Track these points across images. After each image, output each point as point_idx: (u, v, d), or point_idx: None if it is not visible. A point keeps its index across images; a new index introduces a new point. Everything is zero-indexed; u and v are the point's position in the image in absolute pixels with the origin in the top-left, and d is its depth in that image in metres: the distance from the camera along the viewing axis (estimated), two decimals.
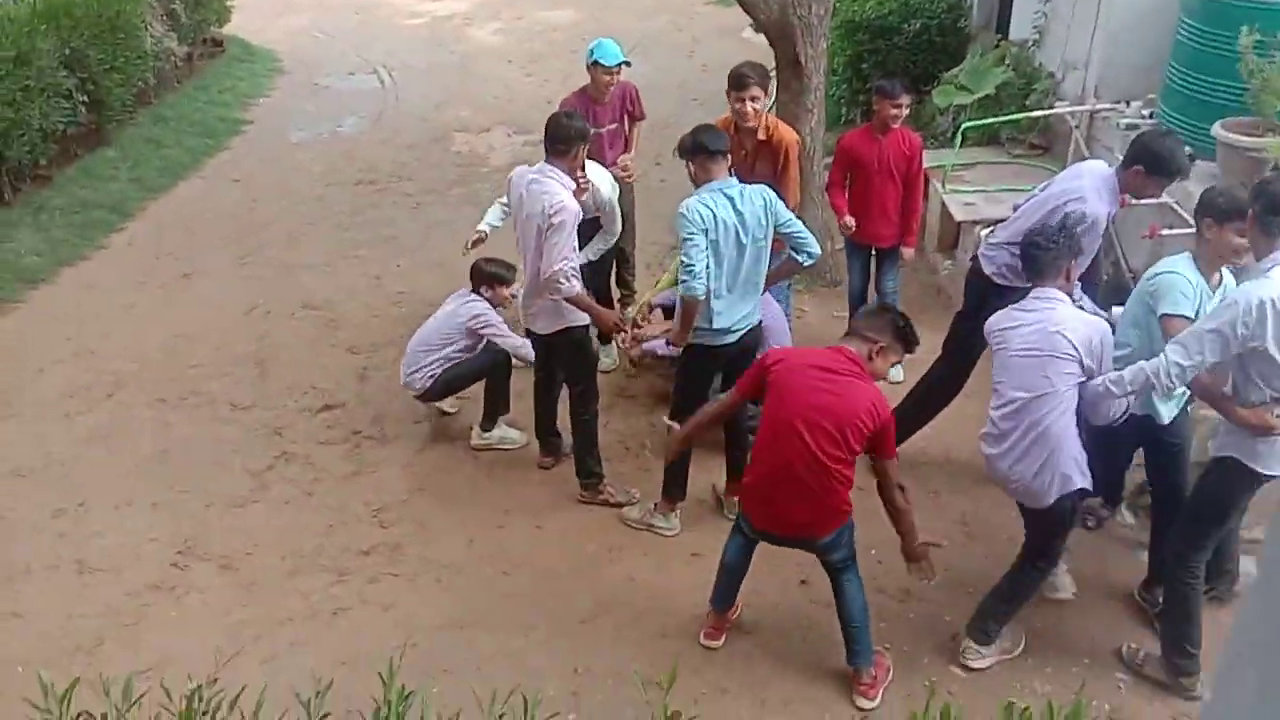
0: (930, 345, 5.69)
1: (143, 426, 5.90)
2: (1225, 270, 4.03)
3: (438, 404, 5.73)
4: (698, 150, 4.52)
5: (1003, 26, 8.01)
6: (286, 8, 15.11)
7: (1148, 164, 4.35)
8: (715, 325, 4.57)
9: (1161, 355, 3.62)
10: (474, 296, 5.51)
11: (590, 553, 4.88)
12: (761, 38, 10.83)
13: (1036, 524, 4.07)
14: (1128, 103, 6.08)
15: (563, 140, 4.69)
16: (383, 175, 9.23)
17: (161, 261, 7.82)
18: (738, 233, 4.45)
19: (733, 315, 4.60)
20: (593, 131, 5.93)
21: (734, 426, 4.95)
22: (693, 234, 4.38)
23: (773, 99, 9.23)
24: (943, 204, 6.67)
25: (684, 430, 4.30)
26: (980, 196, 6.44)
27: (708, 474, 5.22)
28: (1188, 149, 5.43)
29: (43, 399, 6.17)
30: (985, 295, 4.80)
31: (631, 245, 6.53)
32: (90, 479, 5.48)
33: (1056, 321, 3.83)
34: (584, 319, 4.90)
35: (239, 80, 11.74)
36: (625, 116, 6.20)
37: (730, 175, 4.64)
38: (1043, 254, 3.95)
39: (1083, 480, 3.92)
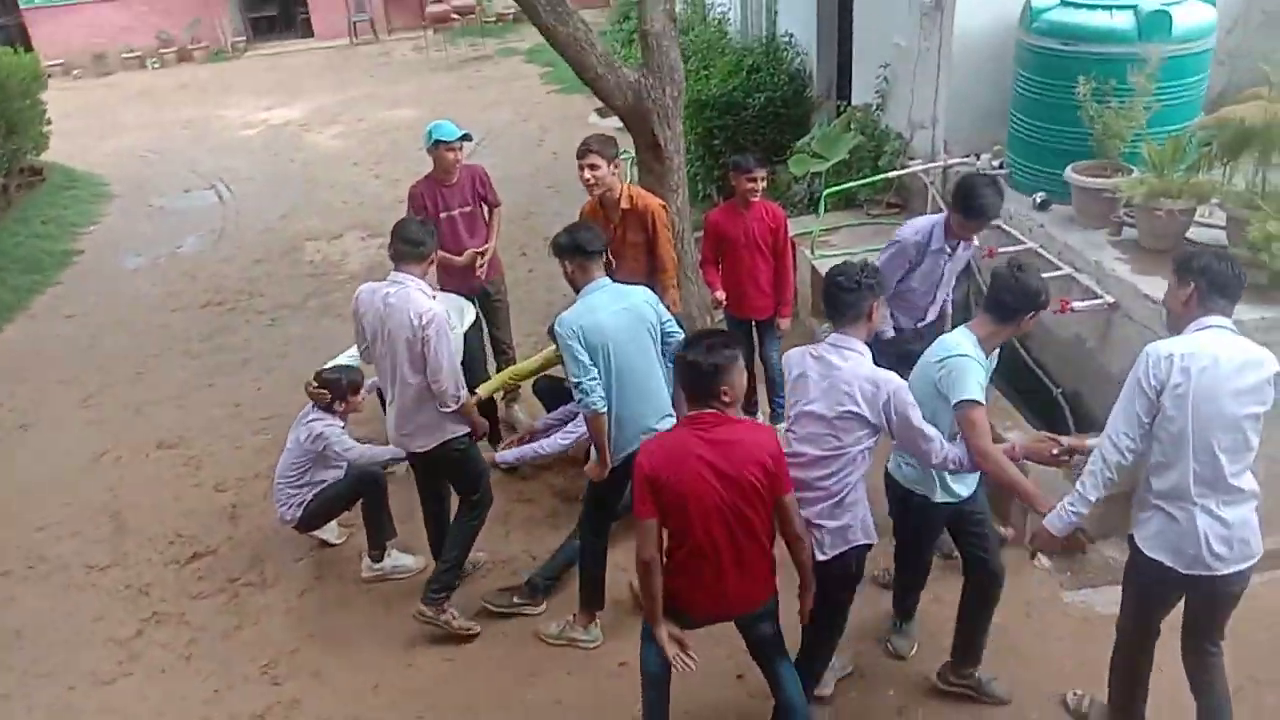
0: None
1: None
2: None
3: (319, 534, 5.31)
4: (575, 250, 4.33)
5: (844, 93, 8.25)
6: (110, 129, 14.50)
7: (959, 206, 4.64)
8: (620, 440, 4.34)
9: (1104, 438, 3.46)
10: (314, 415, 5.12)
11: (510, 681, 4.52)
12: (610, 121, 10.97)
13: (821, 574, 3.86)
14: (978, 155, 6.28)
15: (412, 241, 4.45)
16: (231, 294, 8.75)
17: None
18: (629, 334, 4.28)
19: (639, 424, 4.35)
20: (444, 215, 5.87)
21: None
22: (572, 346, 4.16)
23: (629, 176, 9.32)
24: (813, 269, 6.71)
25: (647, 611, 3.70)
26: (847, 259, 6.48)
27: (622, 572, 4.96)
28: (1041, 194, 5.67)
29: None
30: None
31: (508, 336, 6.32)
32: None
33: (846, 380, 3.63)
34: (464, 428, 4.61)
35: (63, 209, 11.07)
36: (479, 201, 6.02)
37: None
38: (844, 294, 3.67)
39: (865, 538, 3.79)
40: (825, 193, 6.69)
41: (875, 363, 3.74)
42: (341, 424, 5.15)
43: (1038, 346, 5.59)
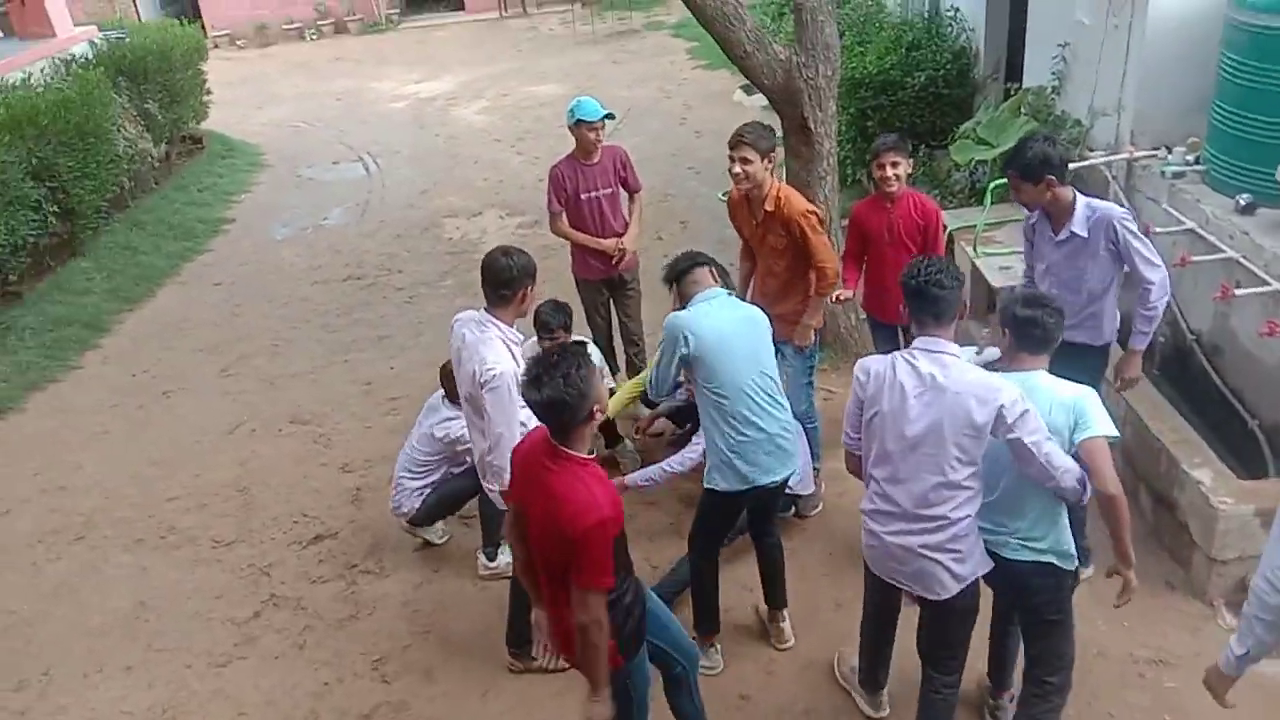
0: None
1: (116, 574, 5.33)
2: None
3: (422, 532, 5.17)
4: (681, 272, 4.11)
5: (1015, 73, 7.58)
6: (267, 99, 14.90)
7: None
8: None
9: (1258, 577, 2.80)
10: (450, 413, 4.94)
11: None
12: (756, 99, 10.54)
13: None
14: (1169, 148, 5.59)
15: (503, 284, 3.84)
16: (371, 269, 8.78)
17: (138, 380, 7.31)
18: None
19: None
20: (585, 196, 5.67)
21: (760, 540, 4.41)
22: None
23: (778, 165, 8.89)
24: (974, 268, 6.16)
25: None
26: (1016, 258, 5.91)
27: (748, 592, 4.64)
28: (1245, 196, 4.99)
29: (6, 546, 5.62)
30: None
31: (640, 328, 6.05)
32: (57, 641, 4.89)
33: (957, 389, 3.19)
34: None
35: (219, 177, 11.39)
36: (619, 183, 5.78)
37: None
38: (944, 291, 3.24)
39: (986, 564, 3.40)
40: (991, 185, 6.11)
41: None
42: None
43: (1234, 372, 4.94)
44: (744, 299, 5.40)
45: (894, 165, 4.95)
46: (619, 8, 18.01)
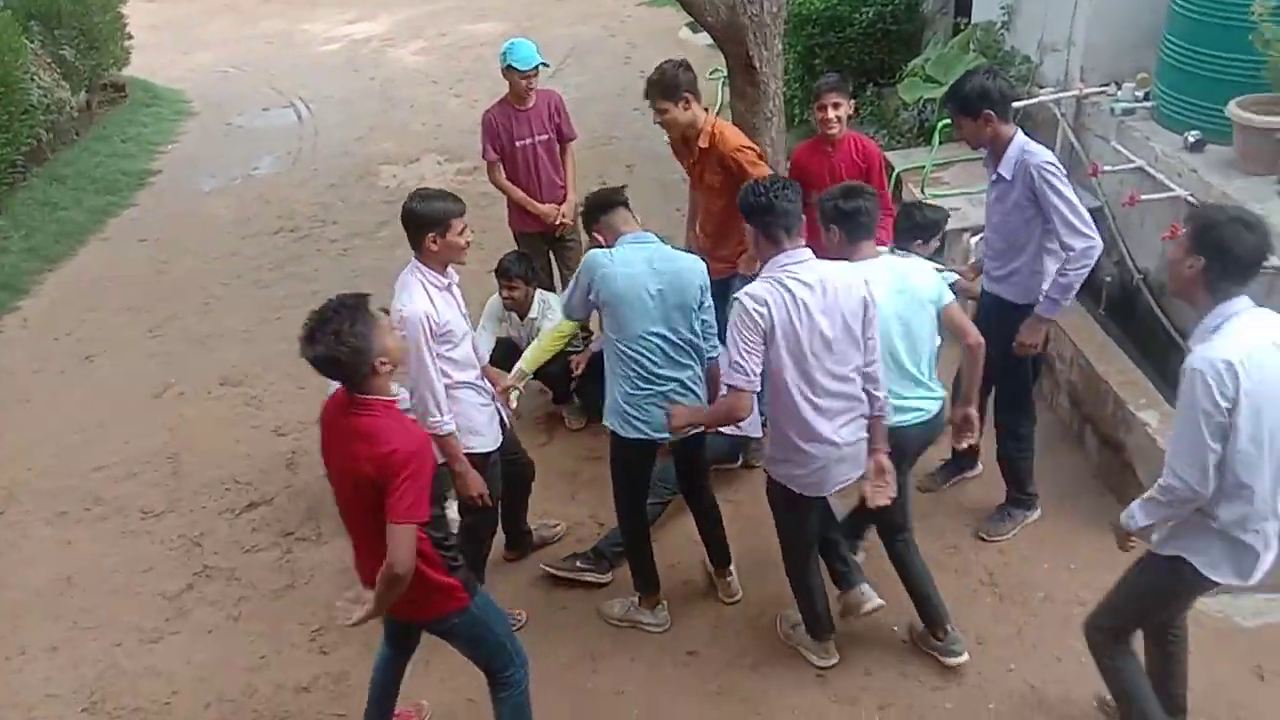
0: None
1: (38, 549, 5.10)
2: None
3: None
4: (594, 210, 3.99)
5: (963, 8, 7.40)
6: (193, 44, 14.27)
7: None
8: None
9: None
10: None
11: (569, 664, 4.16)
12: (701, 37, 10.25)
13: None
14: (1119, 84, 5.48)
15: (410, 228, 3.73)
16: (304, 220, 8.45)
17: (60, 343, 6.98)
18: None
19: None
20: (520, 143, 5.48)
21: (691, 499, 4.32)
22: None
23: (719, 98, 8.66)
24: None
25: None
26: (964, 199, 5.82)
27: (695, 545, 4.53)
28: (1195, 133, 4.90)
29: None
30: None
31: None
32: None
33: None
34: (475, 445, 3.95)
35: (144, 127, 10.89)
36: (554, 130, 5.57)
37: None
38: (792, 205, 3.42)
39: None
40: (939, 124, 5.97)
41: None
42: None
43: (1180, 312, 4.89)
44: (692, 230, 5.30)
45: (835, 106, 4.80)
46: None
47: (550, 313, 5.22)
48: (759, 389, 3.45)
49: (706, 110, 4.81)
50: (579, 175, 5.91)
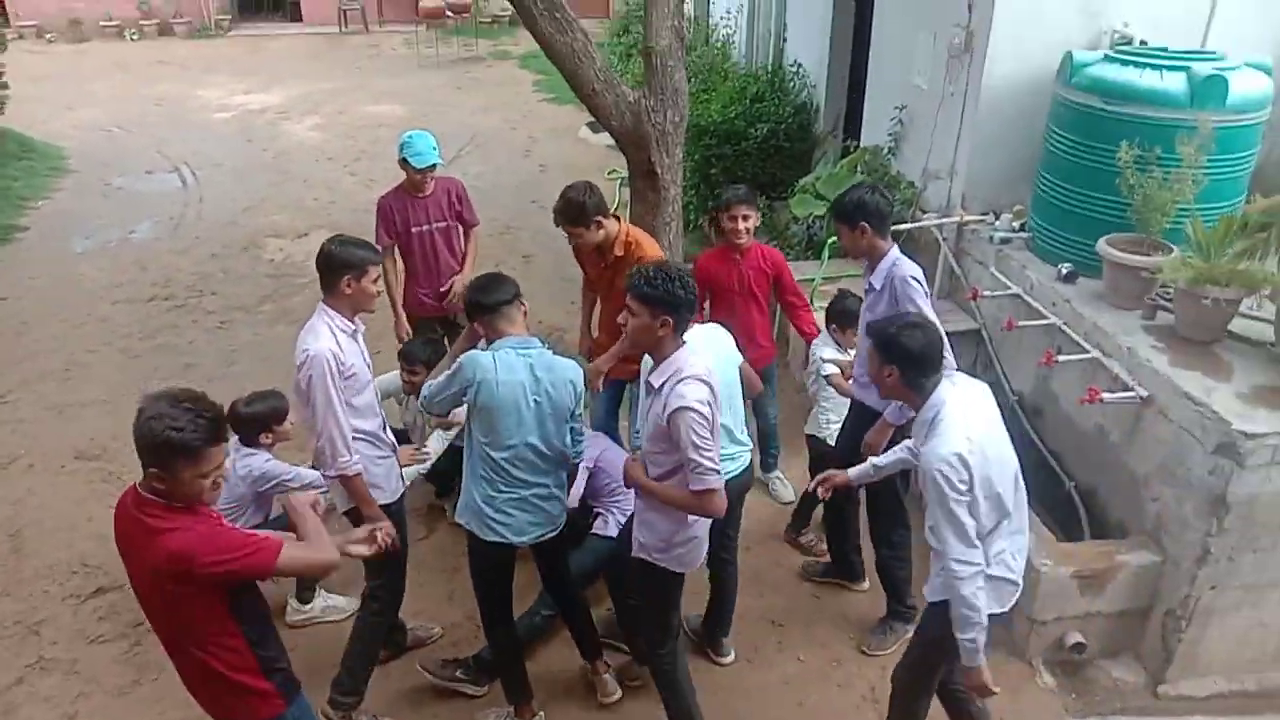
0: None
1: None
2: None
3: None
4: (476, 308, 3.81)
5: (853, 131, 7.77)
6: (78, 99, 13.82)
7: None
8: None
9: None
10: (248, 451, 4.52)
11: None
12: (601, 137, 10.48)
13: None
14: (997, 214, 5.81)
15: (323, 274, 3.71)
16: (180, 289, 8.12)
17: None
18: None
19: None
20: (416, 230, 5.44)
21: (561, 602, 4.26)
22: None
23: (616, 198, 8.80)
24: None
25: None
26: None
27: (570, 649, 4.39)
28: (1067, 265, 5.19)
29: None
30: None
31: None
32: None
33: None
34: (376, 498, 3.84)
35: (13, 180, 10.39)
36: (455, 217, 5.56)
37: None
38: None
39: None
40: (829, 240, 6.18)
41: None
42: (268, 456, 4.56)
43: (1053, 435, 5.11)
44: (588, 333, 5.28)
45: (745, 218, 4.92)
46: (464, 34, 17.72)
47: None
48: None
49: (618, 219, 4.83)
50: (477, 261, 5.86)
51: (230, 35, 18.58)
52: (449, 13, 17.72)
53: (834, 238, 6.24)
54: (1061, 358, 4.74)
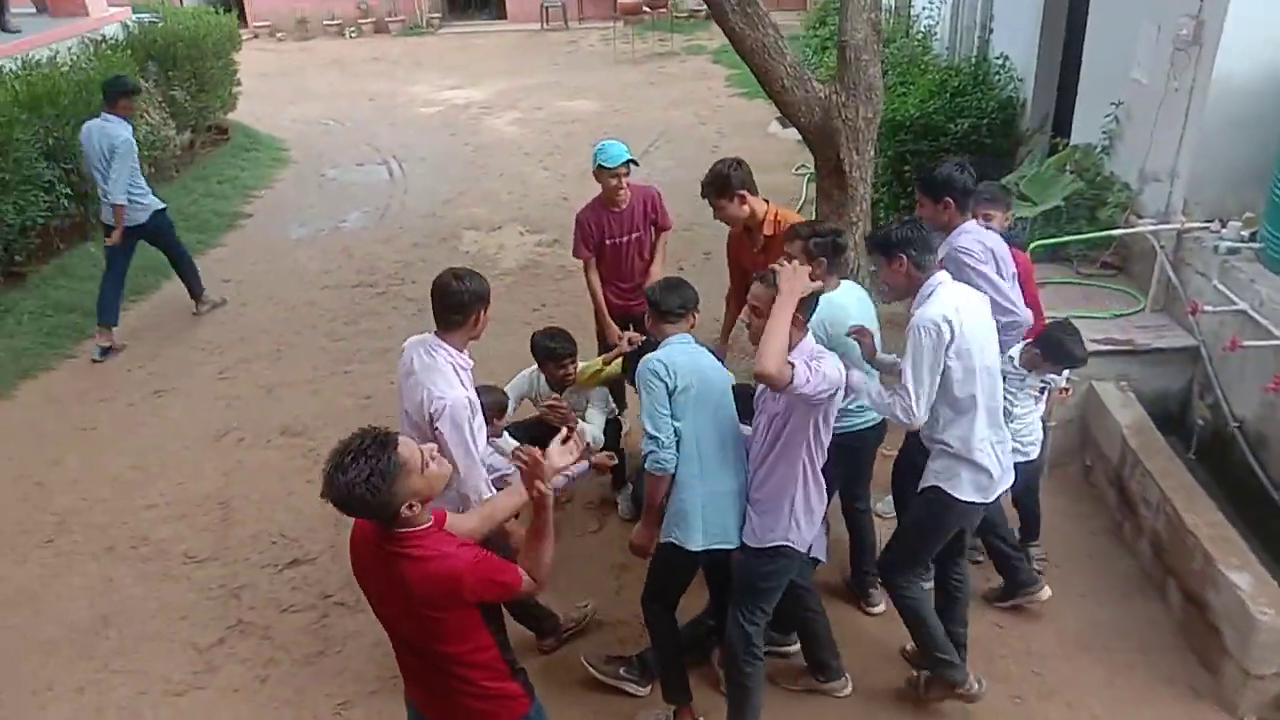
0: None
1: (80, 583, 5.08)
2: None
3: None
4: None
5: (1063, 129, 7.28)
6: (300, 95, 14.77)
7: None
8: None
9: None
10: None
11: None
12: (790, 132, 10.28)
13: None
14: (1223, 222, 5.29)
15: (454, 308, 3.60)
16: (383, 277, 8.55)
17: (133, 375, 7.09)
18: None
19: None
20: (609, 241, 5.43)
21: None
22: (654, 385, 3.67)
23: (804, 193, 8.60)
24: None
25: None
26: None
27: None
28: None
29: None
30: None
31: None
32: (7, 654, 4.63)
33: None
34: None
35: (241, 170, 11.22)
36: (649, 225, 5.53)
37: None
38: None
39: None
40: (1033, 244, 5.80)
41: None
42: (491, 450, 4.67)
43: (1278, 465, 4.62)
44: (726, 341, 5.38)
45: (987, 217, 4.62)
46: (660, 29, 17.83)
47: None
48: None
49: (767, 201, 4.87)
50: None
51: (440, 33, 19.43)
52: (646, 8, 17.87)
53: (1037, 242, 5.89)
54: (1247, 342, 4.27)
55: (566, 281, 8.01)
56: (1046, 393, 4.46)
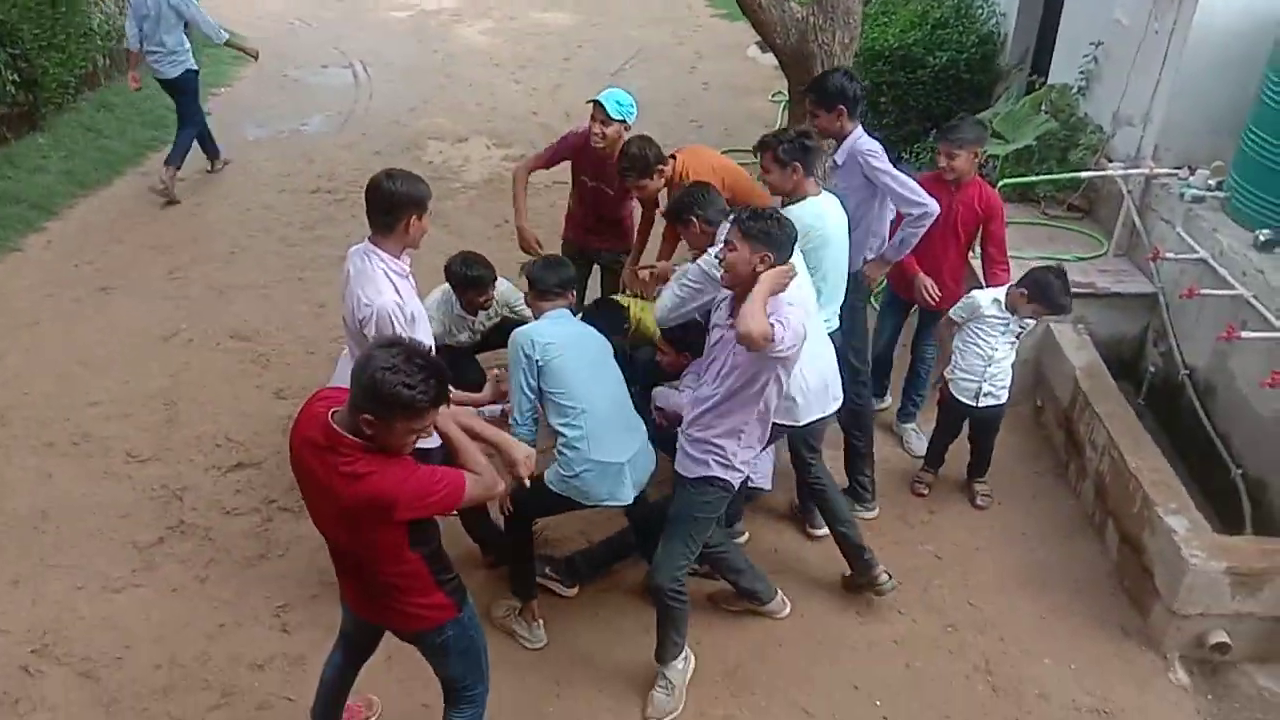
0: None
1: (19, 476, 4.99)
2: None
3: None
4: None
5: (1041, 67, 7.20)
6: None
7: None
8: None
9: None
10: None
11: (533, 685, 3.99)
12: (768, 57, 10.08)
13: None
14: (1192, 169, 5.27)
15: (384, 210, 3.54)
16: (343, 183, 8.33)
17: (80, 270, 6.89)
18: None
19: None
20: (584, 180, 5.20)
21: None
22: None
23: (779, 120, 8.47)
24: (969, 269, 5.83)
25: None
26: (1016, 265, 5.57)
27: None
28: (1267, 231, 4.68)
29: None
30: None
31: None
32: None
33: None
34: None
35: (201, 68, 10.74)
36: (627, 192, 5.25)
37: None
38: None
39: None
40: (1002, 182, 5.76)
41: None
42: None
43: (1225, 417, 4.67)
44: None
45: (951, 157, 4.64)
46: None
47: (513, 298, 4.93)
48: None
49: (673, 157, 4.84)
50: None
51: None
52: None
53: (1005, 181, 5.85)
54: (1246, 334, 4.30)
55: (533, 199, 7.81)
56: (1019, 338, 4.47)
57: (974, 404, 4.60)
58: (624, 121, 4.97)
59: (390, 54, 11.69)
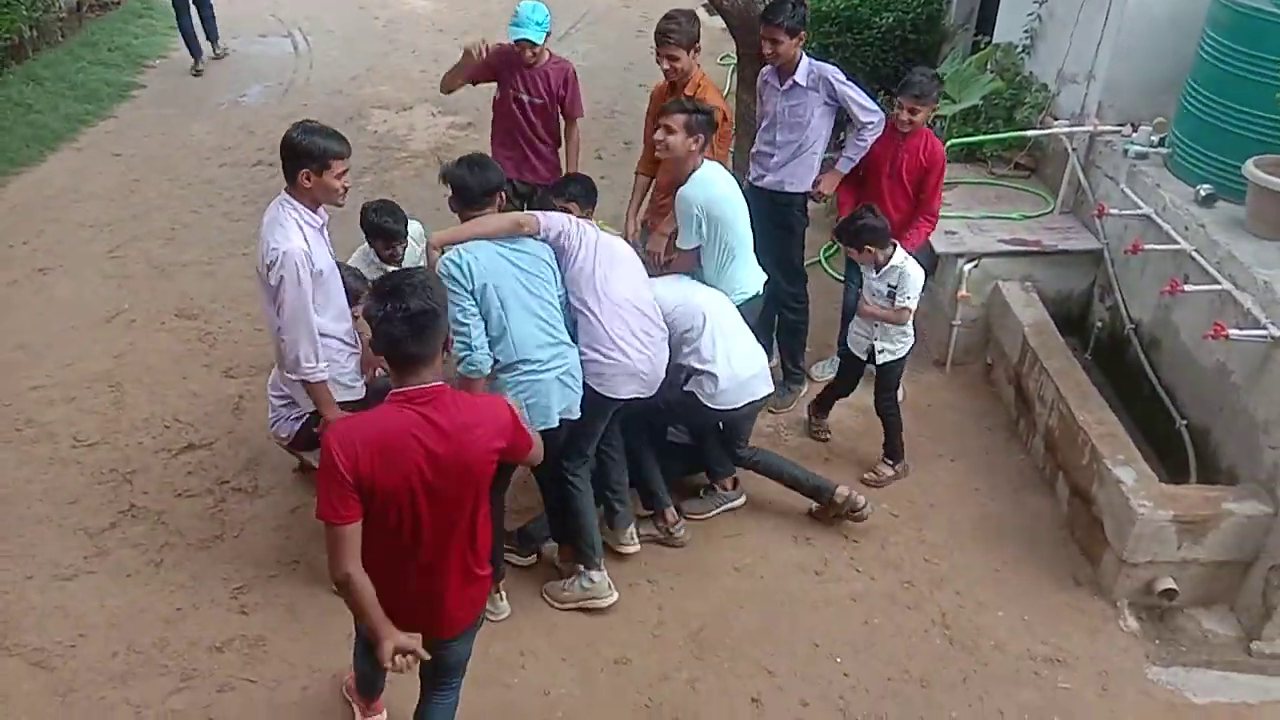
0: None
1: None
2: None
3: (305, 456, 4.62)
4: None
5: (985, 26, 7.22)
6: None
7: None
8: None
9: None
10: None
11: (495, 656, 3.99)
12: (718, 20, 9.99)
13: None
14: (1135, 126, 5.32)
15: (294, 157, 3.57)
16: None
17: (15, 251, 6.70)
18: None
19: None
20: (514, 95, 5.20)
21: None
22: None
23: (729, 85, 8.44)
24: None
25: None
26: (964, 225, 5.65)
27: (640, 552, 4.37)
28: (1207, 186, 4.75)
29: None
30: None
31: None
32: None
33: None
34: (348, 397, 3.85)
35: (133, 39, 10.49)
36: (555, 103, 5.29)
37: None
38: None
39: None
40: (950, 142, 5.78)
41: None
42: None
43: (1169, 369, 4.77)
44: (634, 217, 5.32)
45: (911, 111, 4.77)
46: None
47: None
48: None
49: (698, 64, 4.99)
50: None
51: None
52: None
53: (953, 140, 5.88)
54: (1188, 287, 4.38)
55: (470, 147, 7.75)
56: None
57: (867, 359, 4.75)
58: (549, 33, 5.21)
59: (330, 21, 11.41)
